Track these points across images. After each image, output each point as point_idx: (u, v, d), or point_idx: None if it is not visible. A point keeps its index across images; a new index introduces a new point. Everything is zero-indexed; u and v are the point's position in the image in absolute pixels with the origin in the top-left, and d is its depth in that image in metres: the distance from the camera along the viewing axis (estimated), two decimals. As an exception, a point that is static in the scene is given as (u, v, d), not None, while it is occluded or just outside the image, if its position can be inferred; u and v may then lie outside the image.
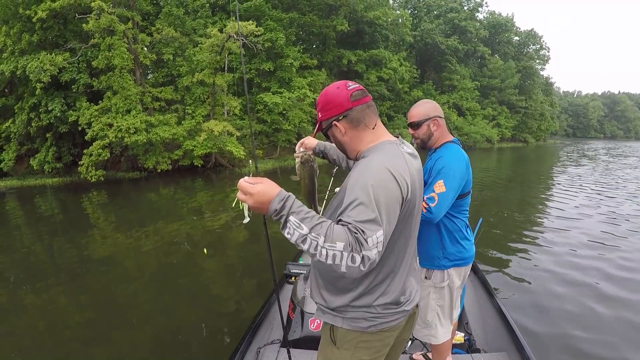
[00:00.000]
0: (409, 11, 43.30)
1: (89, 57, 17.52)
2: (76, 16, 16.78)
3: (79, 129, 17.24)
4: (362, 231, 1.11)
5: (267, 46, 21.04)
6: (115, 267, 6.42)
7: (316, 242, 1.09)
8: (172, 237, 8.00)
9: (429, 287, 2.18)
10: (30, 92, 17.33)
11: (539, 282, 5.08)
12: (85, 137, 16.77)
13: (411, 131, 2.22)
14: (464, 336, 2.91)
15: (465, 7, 46.46)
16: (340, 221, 1.16)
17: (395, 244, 1.33)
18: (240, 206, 1.32)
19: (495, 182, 15.32)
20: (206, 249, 6.02)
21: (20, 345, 4.01)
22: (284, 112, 22.15)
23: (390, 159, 1.30)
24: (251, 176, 1.22)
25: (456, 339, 2.82)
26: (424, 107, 2.18)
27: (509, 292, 4.76)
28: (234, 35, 17.12)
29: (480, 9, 48.25)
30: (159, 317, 4.55)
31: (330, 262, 1.10)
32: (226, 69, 19.87)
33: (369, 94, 1.45)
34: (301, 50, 26.95)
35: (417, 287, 1.56)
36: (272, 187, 1.15)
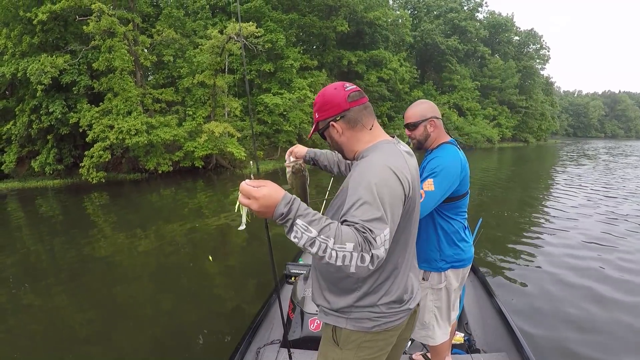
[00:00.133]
0: (409, 11, 43.34)
1: (90, 59, 17.56)
2: (77, 18, 16.84)
3: (80, 130, 17.29)
4: (370, 230, 1.10)
5: (267, 47, 21.03)
6: (116, 268, 6.44)
7: (325, 245, 1.06)
8: (173, 238, 8.02)
9: (426, 288, 2.17)
10: (31, 94, 17.37)
11: (538, 282, 5.08)
12: (86, 139, 16.81)
13: (408, 132, 2.20)
14: (464, 336, 2.91)
15: (465, 7, 46.49)
16: (345, 222, 1.15)
17: (398, 241, 1.33)
18: (241, 211, 1.29)
19: (495, 182, 15.30)
20: (211, 256, 6.02)
21: (20, 345, 4.02)
22: (284, 113, 22.16)
23: (390, 158, 1.31)
24: (252, 178, 1.19)
25: (456, 339, 2.82)
26: (420, 108, 2.15)
27: (508, 293, 4.76)
28: (234, 36, 17.14)
29: (480, 9, 48.34)
30: (159, 318, 4.56)
31: (340, 263, 1.07)
32: (226, 71, 19.89)
33: (366, 96, 1.45)
34: (301, 51, 26.95)
35: (418, 285, 1.56)
36: (277, 190, 1.11)
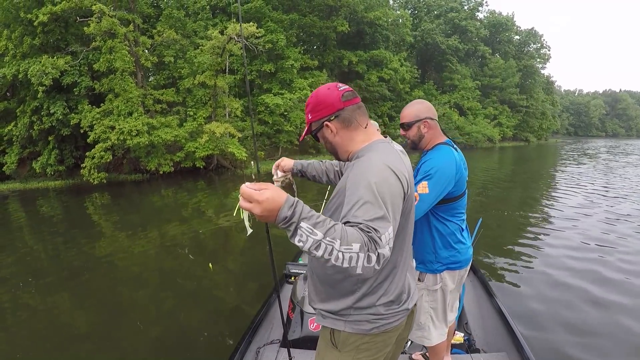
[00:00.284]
0: (409, 11, 43.37)
1: (91, 60, 17.62)
2: (77, 19, 16.90)
3: (81, 131, 17.34)
4: (375, 229, 1.08)
5: (267, 48, 21.07)
6: (117, 268, 6.45)
7: (332, 247, 1.02)
8: (174, 238, 8.03)
9: (422, 289, 2.18)
10: (32, 96, 17.42)
11: (538, 282, 5.08)
12: (87, 140, 16.86)
13: (402, 132, 2.20)
14: (464, 336, 2.91)
15: (465, 7, 46.50)
16: (347, 222, 1.12)
17: (396, 240, 1.30)
18: (241, 215, 1.24)
19: (496, 182, 15.30)
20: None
21: (22, 345, 4.04)
22: (285, 113, 22.19)
23: (388, 157, 1.31)
24: (254, 179, 1.18)
25: (456, 339, 2.83)
26: (414, 109, 2.14)
27: (508, 292, 4.76)
28: (235, 37, 17.17)
29: (480, 9, 48.36)
30: (160, 317, 4.57)
31: (346, 265, 1.04)
32: (227, 71, 19.90)
33: (359, 96, 1.46)
34: (302, 51, 26.99)
35: (415, 284, 1.57)
36: (279, 193, 1.06)
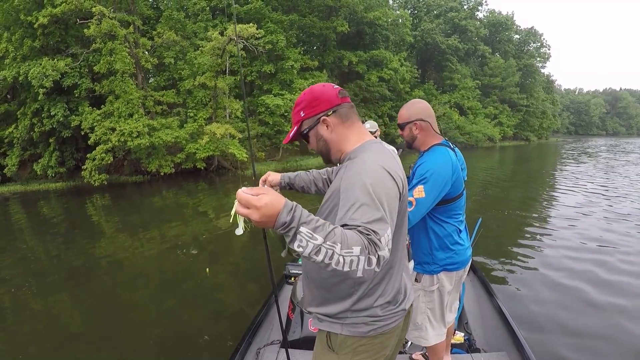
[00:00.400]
0: (409, 11, 43.37)
1: (91, 62, 17.65)
2: (77, 21, 16.92)
3: (82, 133, 17.38)
4: (374, 232, 1.07)
5: (267, 48, 21.07)
6: (118, 270, 6.47)
7: (332, 251, 0.99)
8: (175, 239, 8.05)
9: (418, 290, 2.19)
10: (32, 98, 17.47)
11: (538, 282, 5.09)
12: (88, 142, 16.89)
13: (400, 132, 2.24)
14: (464, 336, 2.92)
15: (465, 6, 46.50)
16: (345, 226, 1.09)
17: (392, 240, 1.29)
18: (237, 220, 1.20)
19: (496, 181, 15.30)
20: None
21: (23, 345, 4.05)
22: (285, 114, 22.18)
23: (382, 157, 1.30)
24: (253, 179, 1.16)
25: (456, 339, 2.84)
26: (407, 110, 2.16)
27: (508, 292, 4.76)
28: (234, 38, 17.19)
29: (480, 8, 48.33)
30: (160, 318, 4.59)
31: (347, 269, 1.01)
32: (227, 72, 19.92)
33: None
34: (302, 51, 26.98)
35: (411, 284, 1.56)
36: (277, 198, 1.02)
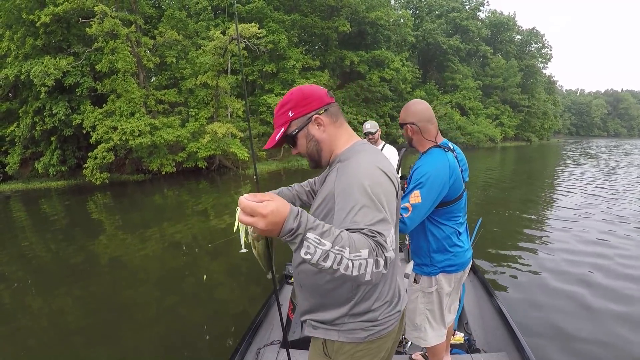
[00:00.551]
0: (411, 11, 43.36)
1: (93, 61, 17.69)
2: (79, 20, 16.96)
3: (84, 132, 17.41)
4: (379, 233, 1.05)
5: (269, 48, 21.09)
6: (120, 269, 6.48)
7: (341, 256, 0.96)
8: (176, 238, 8.06)
9: (417, 291, 2.19)
10: (34, 96, 17.51)
11: (538, 282, 5.10)
12: (89, 140, 16.94)
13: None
14: (464, 336, 2.93)
15: (466, 7, 46.51)
16: (347, 229, 1.06)
17: None
18: (240, 231, 1.10)
19: (497, 182, 15.29)
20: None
21: (25, 345, 4.06)
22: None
23: (376, 158, 1.28)
24: (255, 179, 1.10)
25: (456, 339, 2.86)
26: (404, 112, 2.16)
27: (508, 292, 4.78)
28: (236, 37, 17.17)
29: (481, 8, 48.33)
30: (161, 317, 4.60)
31: (356, 273, 0.98)
32: (229, 71, 19.93)
33: None
34: (303, 51, 26.99)
35: (403, 285, 1.55)
36: (283, 203, 0.96)
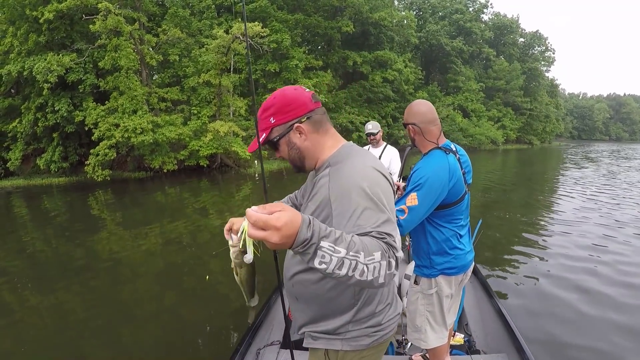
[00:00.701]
0: (414, 12, 43.37)
1: (96, 58, 17.72)
2: (83, 17, 16.99)
3: (86, 129, 17.44)
4: (388, 234, 1.02)
5: (272, 47, 21.09)
6: (120, 266, 6.48)
7: (356, 262, 0.91)
8: (177, 236, 8.06)
9: (417, 292, 2.18)
10: (36, 92, 17.53)
11: (539, 284, 5.09)
12: (91, 137, 16.96)
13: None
14: (464, 337, 2.92)
15: (470, 9, 46.44)
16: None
17: None
18: (247, 245, 1.04)
19: (498, 184, 15.28)
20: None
21: (26, 342, 4.06)
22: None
23: (367, 158, 1.25)
24: (257, 177, 1.00)
25: (456, 340, 2.85)
26: (407, 112, 2.14)
27: (508, 294, 4.77)
28: (240, 36, 17.21)
29: (485, 11, 48.24)
30: (163, 316, 4.59)
31: (370, 277, 0.93)
32: (232, 70, 19.95)
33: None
34: (306, 51, 27.00)
35: (404, 285, 1.53)
36: (295, 213, 0.88)
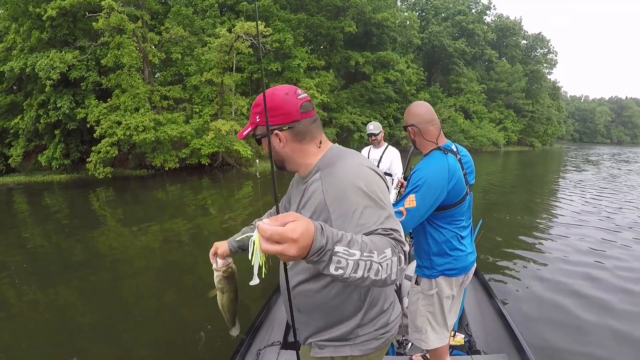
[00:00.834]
0: (417, 13, 43.35)
1: (98, 55, 17.73)
2: (86, 14, 17.00)
3: (88, 126, 17.46)
4: (393, 230, 1.01)
5: (275, 47, 21.09)
6: (121, 263, 6.49)
7: (370, 262, 0.88)
8: (178, 234, 8.06)
9: (418, 292, 2.19)
10: (39, 89, 17.54)
11: (538, 285, 5.09)
12: (93, 135, 16.97)
13: None
14: (464, 338, 2.93)
15: (473, 10, 46.39)
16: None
17: None
18: (257, 260, 0.93)
19: (499, 186, 15.28)
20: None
21: (25, 336, 4.07)
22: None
23: (358, 157, 1.24)
24: (259, 177, 0.93)
25: (456, 341, 2.86)
26: (406, 113, 2.14)
27: (509, 294, 4.77)
28: (242, 35, 17.22)
29: (488, 12, 48.20)
30: (163, 315, 4.59)
31: (384, 275, 0.91)
32: (234, 69, 19.96)
33: (315, 107, 1.31)
34: (309, 51, 27.02)
35: (405, 285, 1.52)
36: (308, 222, 0.82)
